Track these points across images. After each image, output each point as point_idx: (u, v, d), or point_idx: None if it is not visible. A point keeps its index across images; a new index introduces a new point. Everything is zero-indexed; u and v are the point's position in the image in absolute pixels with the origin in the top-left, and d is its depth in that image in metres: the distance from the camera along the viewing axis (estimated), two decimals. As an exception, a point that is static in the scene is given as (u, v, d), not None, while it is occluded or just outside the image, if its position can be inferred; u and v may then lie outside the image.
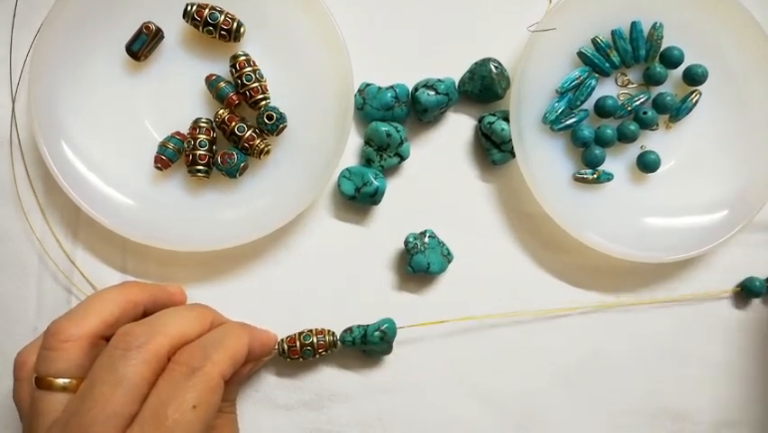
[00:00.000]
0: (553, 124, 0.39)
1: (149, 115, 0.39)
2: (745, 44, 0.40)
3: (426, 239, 0.39)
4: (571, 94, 0.39)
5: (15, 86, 0.40)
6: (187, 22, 0.38)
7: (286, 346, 0.38)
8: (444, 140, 0.41)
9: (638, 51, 0.40)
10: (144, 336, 0.30)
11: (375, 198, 0.39)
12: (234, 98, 0.38)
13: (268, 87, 0.38)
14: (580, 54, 0.39)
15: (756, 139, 0.41)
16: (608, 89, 0.41)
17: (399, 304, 0.40)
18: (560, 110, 0.39)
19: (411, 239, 0.39)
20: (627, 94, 0.41)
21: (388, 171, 0.41)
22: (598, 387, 0.41)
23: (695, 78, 0.40)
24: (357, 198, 0.39)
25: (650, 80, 0.40)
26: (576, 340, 0.41)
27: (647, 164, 0.40)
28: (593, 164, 0.40)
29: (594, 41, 0.40)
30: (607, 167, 0.40)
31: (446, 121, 0.42)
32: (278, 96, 0.38)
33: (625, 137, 0.40)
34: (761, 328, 0.42)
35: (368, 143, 0.40)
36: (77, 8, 0.38)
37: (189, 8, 0.37)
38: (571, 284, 0.41)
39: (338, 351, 0.39)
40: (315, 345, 0.38)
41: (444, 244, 0.40)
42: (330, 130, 0.38)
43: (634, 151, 0.41)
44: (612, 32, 0.40)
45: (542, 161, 0.39)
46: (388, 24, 0.42)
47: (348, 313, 0.40)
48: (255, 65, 0.38)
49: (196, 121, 0.38)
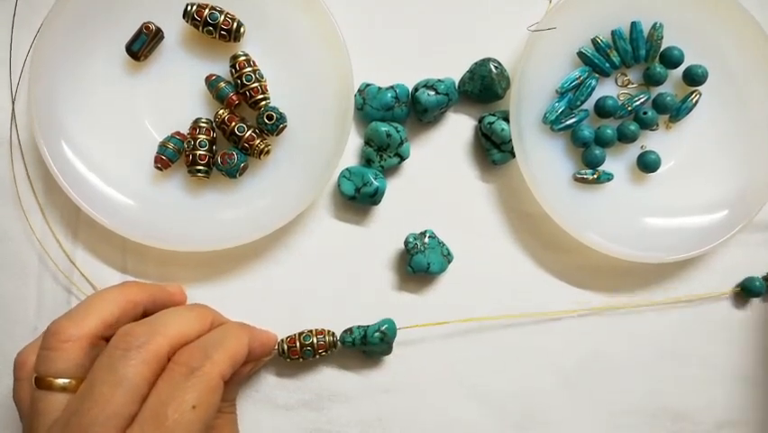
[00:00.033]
0: (553, 124, 0.39)
1: (149, 115, 0.39)
2: (745, 44, 0.40)
3: (426, 239, 0.39)
4: (572, 94, 0.39)
5: (15, 86, 0.40)
6: (187, 22, 0.38)
7: (286, 347, 0.38)
8: (444, 140, 0.41)
9: (638, 51, 0.40)
10: (144, 336, 0.30)
11: (375, 198, 0.39)
12: (234, 98, 0.38)
13: (268, 88, 0.38)
14: (581, 54, 0.39)
15: (756, 139, 0.41)
16: (608, 89, 0.41)
17: (399, 304, 0.40)
18: (560, 110, 0.39)
19: (411, 239, 0.39)
20: (627, 94, 0.41)
21: (388, 172, 0.41)
22: (598, 387, 0.41)
23: (695, 79, 0.40)
24: (357, 199, 0.39)
25: (650, 80, 0.40)
26: (576, 340, 0.41)
27: (647, 164, 0.40)
28: (593, 164, 0.40)
29: (594, 41, 0.40)
30: (607, 167, 0.40)
31: (446, 121, 0.42)
32: (278, 97, 0.38)
33: (625, 137, 0.40)
34: (761, 328, 0.42)
35: (368, 144, 0.40)
36: (77, 8, 0.38)
37: (189, 8, 0.37)
38: (571, 284, 0.41)
39: (338, 351, 0.39)
40: (315, 345, 0.38)
41: (444, 244, 0.40)
42: (330, 130, 0.38)
43: (634, 151, 0.41)
44: (612, 32, 0.40)
45: (542, 162, 0.39)
46: (388, 24, 0.42)
47: (348, 313, 0.40)
48: (255, 65, 0.38)
49: (196, 121, 0.38)
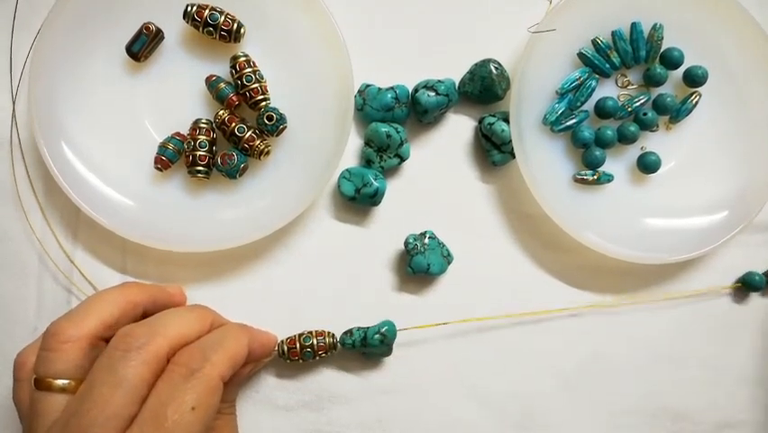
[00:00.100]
0: (553, 125, 0.39)
1: (149, 115, 0.39)
2: (745, 44, 0.40)
3: (426, 240, 0.39)
4: (572, 95, 0.39)
5: (16, 86, 0.40)
6: (188, 22, 0.38)
7: (286, 348, 0.38)
8: (444, 141, 0.41)
9: (638, 52, 0.40)
10: (144, 337, 0.30)
11: (375, 198, 0.39)
12: (234, 99, 0.38)
13: (268, 88, 0.38)
14: (581, 55, 0.39)
15: (756, 139, 0.41)
16: (608, 90, 0.41)
17: (399, 305, 0.40)
18: (560, 111, 0.39)
19: (411, 240, 0.39)
20: (627, 95, 0.41)
21: (388, 172, 0.41)
22: (598, 388, 0.41)
23: (695, 80, 0.40)
24: (357, 199, 0.39)
25: (650, 81, 0.40)
26: (576, 341, 0.41)
27: (647, 165, 0.40)
28: (593, 165, 0.40)
29: (594, 41, 0.39)
30: (607, 168, 0.40)
31: (446, 122, 0.42)
32: (278, 97, 0.38)
33: (625, 138, 0.40)
34: (761, 328, 0.42)
35: (368, 144, 0.40)
36: (77, 8, 0.38)
37: (189, 9, 0.37)
38: (572, 285, 0.41)
39: (338, 352, 0.39)
40: (315, 346, 0.38)
41: (444, 244, 0.40)
42: (330, 131, 0.38)
43: (634, 152, 0.41)
44: (612, 32, 0.40)
45: (542, 162, 0.39)
46: (388, 24, 0.42)
47: (348, 314, 0.40)
48: (255, 66, 0.38)
49: (197, 122, 0.38)
